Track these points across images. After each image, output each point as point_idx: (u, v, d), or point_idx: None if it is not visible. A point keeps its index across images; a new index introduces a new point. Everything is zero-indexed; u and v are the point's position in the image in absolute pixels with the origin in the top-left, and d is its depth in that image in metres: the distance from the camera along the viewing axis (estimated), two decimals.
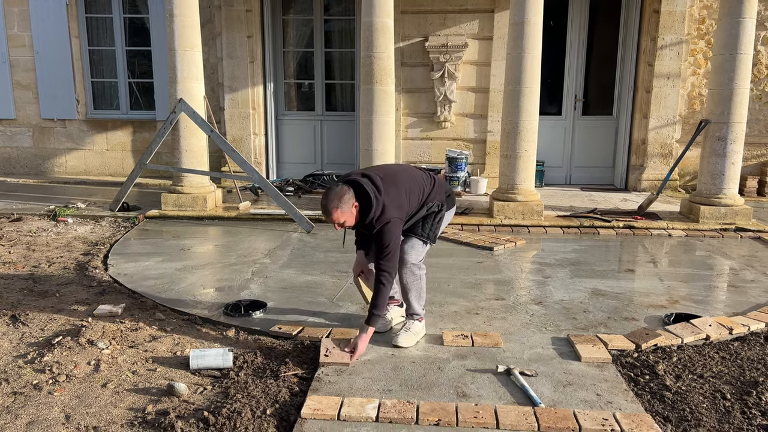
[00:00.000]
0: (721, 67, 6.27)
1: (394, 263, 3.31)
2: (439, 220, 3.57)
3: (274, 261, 5.24)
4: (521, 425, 2.70)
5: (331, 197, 3.18)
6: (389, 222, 3.25)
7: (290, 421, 2.75)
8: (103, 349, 3.41)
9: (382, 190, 3.26)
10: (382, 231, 3.26)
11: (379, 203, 3.22)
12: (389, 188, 3.30)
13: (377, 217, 3.24)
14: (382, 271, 3.28)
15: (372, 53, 6.39)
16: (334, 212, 3.17)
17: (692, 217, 6.62)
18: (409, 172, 3.53)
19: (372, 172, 3.37)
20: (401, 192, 3.34)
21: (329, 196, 3.18)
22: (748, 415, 2.84)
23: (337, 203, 3.16)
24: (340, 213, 3.17)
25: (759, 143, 8.35)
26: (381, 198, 3.23)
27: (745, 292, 4.58)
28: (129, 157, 9.14)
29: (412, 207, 3.43)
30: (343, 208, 3.17)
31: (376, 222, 3.24)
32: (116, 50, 8.97)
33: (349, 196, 3.19)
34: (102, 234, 6.17)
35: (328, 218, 3.21)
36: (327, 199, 3.18)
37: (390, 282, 3.30)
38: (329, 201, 3.17)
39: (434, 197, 3.53)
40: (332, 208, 3.17)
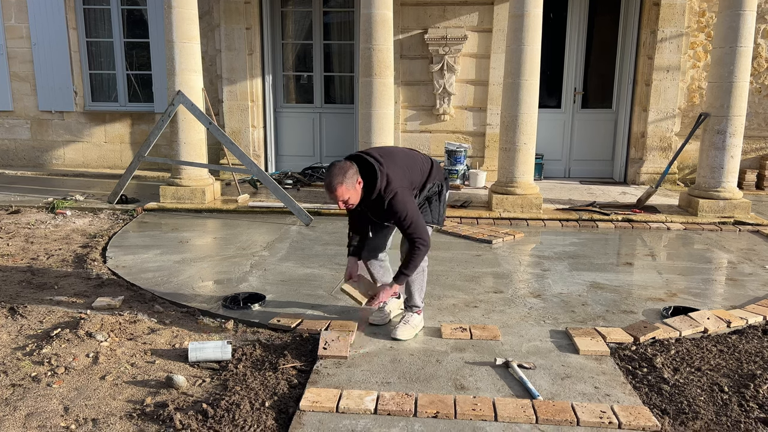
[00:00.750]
0: (721, 60, 6.25)
1: (423, 228, 3.28)
2: (443, 201, 3.58)
3: (273, 254, 5.24)
4: (519, 417, 2.70)
5: (335, 173, 3.07)
6: (397, 192, 3.19)
7: (289, 413, 2.76)
8: (102, 342, 3.41)
9: (383, 163, 3.22)
10: (393, 203, 3.19)
11: (383, 174, 3.17)
12: (389, 163, 3.27)
13: (384, 188, 3.17)
14: (413, 239, 3.25)
15: (371, 45, 6.37)
16: (339, 188, 3.07)
17: (691, 210, 6.62)
18: (406, 152, 3.52)
19: (370, 150, 3.36)
20: (401, 167, 3.32)
21: (332, 172, 3.08)
22: (745, 407, 2.85)
23: (342, 179, 3.07)
24: (344, 189, 3.08)
25: (758, 136, 8.34)
26: (384, 169, 3.18)
27: (743, 285, 4.59)
28: (127, 149, 9.12)
29: (415, 183, 3.40)
30: (347, 183, 3.08)
31: (385, 193, 3.17)
32: (114, 42, 8.93)
33: (353, 171, 3.11)
34: (100, 226, 6.16)
35: (332, 195, 3.10)
36: (331, 175, 3.08)
37: (426, 245, 3.28)
38: (333, 177, 3.07)
39: (435, 177, 3.52)
40: (336, 184, 3.07)
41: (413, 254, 3.28)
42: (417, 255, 3.27)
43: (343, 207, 3.20)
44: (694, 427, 2.69)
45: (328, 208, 6.70)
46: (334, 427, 2.64)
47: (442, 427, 2.65)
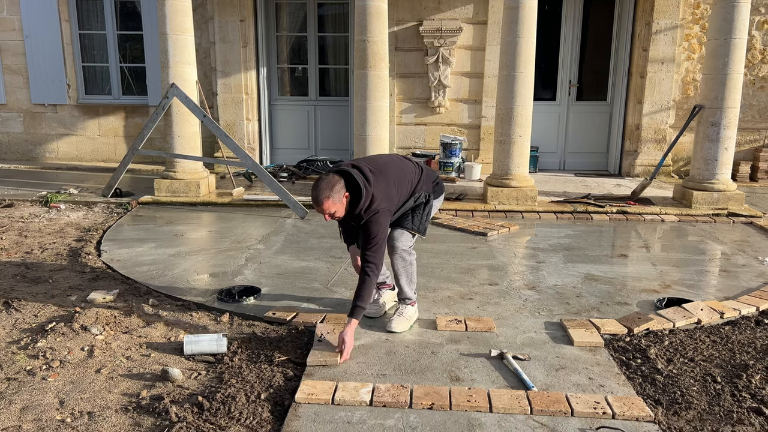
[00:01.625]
0: (716, 52, 6.26)
1: (381, 255, 3.27)
2: (428, 211, 3.58)
3: (268, 247, 5.24)
4: (514, 408, 2.72)
5: (322, 187, 3.11)
6: (377, 213, 3.22)
7: (284, 405, 2.76)
8: (97, 335, 3.41)
9: (371, 181, 3.23)
10: (369, 222, 3.23)
11: (369, 194, 3.20)
12: (378, 179, 3.28)
13: (365, 207, 3.21)
14: (368, 262, 3.23)
15: (366, 38, 6.35)
16: (326, 202, 3.10)
17: (685, 202, 6.65)
18: (398, 163, 3.51)
19: (361, 163, 3.35)
20: (390, 183, 3.32)
21: (320, 186, 3.12)
22: (738, 397, 2.87)
23: (329, 193, 3.10)
24: (331, 203, 3.11)
25: (752, 129, 8.37)
26: (370, 189, 3.21)
27: (736, 276, 4.62)
28: (121, 142, 9.08)
29: (402, 198, 3.42)
30: (334, 198, 3.11)
31: (365, 213, 3.22)
32: (107, 34, 8.87)
33: (340, 186, 3.14)
34: (95, 220, 6.14)
35: (319, 208, 3.14)
36: (318, 190, 3.11)
37: (375, 274, 3.25)
38: (320, 191, 3.10)
39: (421, 188, 3.52)
40: (323, 198, 3.10)
41: (363, 283, 3.22)
42: (366, 283, 3.22)
43: (329, 219, 3.21)
44: (687, 416, 2.71)
45: None
46: (329, 419, 2.65)
47: (437, 419, 2.66)
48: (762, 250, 5.29)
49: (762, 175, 8.20)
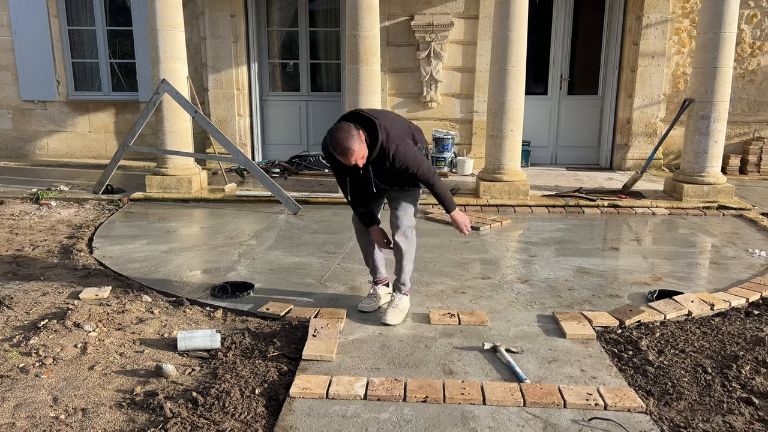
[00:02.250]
0: (705, 45, 6.30)
1: (432, 170, 3.41)
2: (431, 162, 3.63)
3: (261, 243, 5.24)
4: (507, 401, 2.74)
5: (342, 136, 3.07)
6: (399, 144, 3.25)
7: (279, 400, 2.77)
8: (90, 332, 3.40)
9: (376, 116, 3.25)
10: (399, 154, 3.24)
11: (381, 126, 3.19)
12: (382, 117, 3.31)
13: (385, 139, 3.20)
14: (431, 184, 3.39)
15: (357, 32, 6.34)
16: (353, 146, 3.08)
17: (676, 195, 6.69)
18: (393, 113, 3.58)
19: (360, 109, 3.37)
20: (393, 119, 3.37)
21: (339, 136, 3.07)
22: (728, 388, 2.91)
23: (348, 138, 3.07)
24: (357, 147, 3.10)
25: (742, 122, 8.42)
26: (381, 122, 3.21)
27: (726, 268, 4.66)
28: (112, 139, 9.02)
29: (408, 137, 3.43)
30: (355, 140, 3.09)
31: (388, 144, 3.20)
32: (97, 30, 8.80)
33: (352, 127, 3.12)
34: (86, 217, 6.11)
35: (349, 158, 3.10)
36: (339, 140, 3.07)
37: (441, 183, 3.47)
38: (343, 140, 3.07)
39: (420, 139, 3.53)
40: (349, 144, 3.07)
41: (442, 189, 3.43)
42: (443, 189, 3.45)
43: (362, 164, 3.20)
44: (678, 407, 2.74)
45: (315, 196, 6.70)
46: (324, 413, 2.66)
47: (431, 412, 2.68)
48: (752, 242, 5.33)
49: (751, 168, 8.27)
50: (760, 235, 5.57)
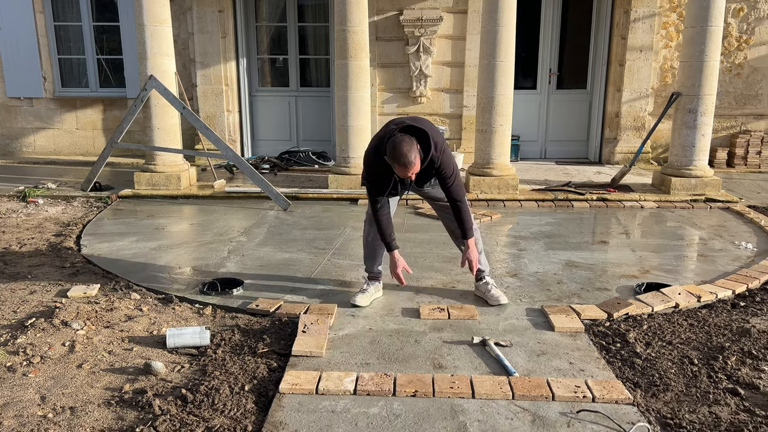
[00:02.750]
0: (692, 39, 6.33)
1: (463, 188, 3.56)
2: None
3: (251, 239, 5.22)
4: (496, 394, 2.75)
5: (406, 149, 3.14)
6: (444, 150, 3.38)
7: (268, 396, 2.77)
8: (78, 330, 3.38)
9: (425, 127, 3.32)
10: (444, 163, 3.36)
11: (432, 139, 3.28)
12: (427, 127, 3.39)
13: (435, 151, 3.30)
14: (458, 201, 3.50)
15: (346, 27, 6.32)
16: (416, 160, 3.18)
17: (664, 188, 6.74)
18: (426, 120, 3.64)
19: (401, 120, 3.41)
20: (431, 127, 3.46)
21: (403, 149, 3.13)
22: (714, 379, 2.94)
23: (415, 152, 3.17)
24: (418, 161, 3.21)
25: (729, 115, 8.48)
26: (431, 132, 3.29)
27: (713, 261, 4.70)
28: (100, 135, 8.96)
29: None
30: (417, 155, 3.20)
31: (438, 155, 3.31)
32: (83, 26, 8.72)
33: (413, 140, 3.20)
34: (74, 214, 6.07)
35: (409, 171, 3.19)
36: (404, 153, 3.13)
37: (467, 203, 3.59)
38: (408, 153, 3.13)
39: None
40: (414, 159, 3.16)
41: (465, 213, 3.53)
42: (467, 211, 3.55)
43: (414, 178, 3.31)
44: (665, 398, 2.76)
45: (305, 192, 6.68)
46: (313, 408, 2.67)
47: (420, 406, 2.69)
48: (738, 234, 5.38)
49: (738, 161, 8.33)
50: (747, 227, 5.62)
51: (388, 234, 3.59)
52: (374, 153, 3.40)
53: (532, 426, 2.55)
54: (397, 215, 5.97)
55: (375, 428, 2.53)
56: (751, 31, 8.21)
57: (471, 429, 2.52)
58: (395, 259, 3.63)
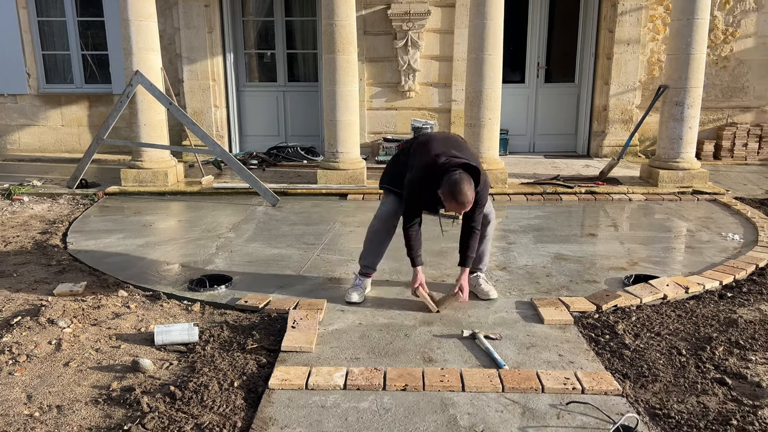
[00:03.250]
0: (679, 32, 6.35)
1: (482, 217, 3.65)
2: None
3: (239, 235, 5.19)
4: (486, 387, 2.76)
5: (466, 187, 3.21)
6: (486, 184, 3.50)
7: (258, 392, 2.76)
8: (65, 328, 3.35)
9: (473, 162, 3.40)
10: (482, 194, 3.45)
11: (483, 175, 3.40)
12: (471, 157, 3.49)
13: (482, 187, 3.41)
14: (474, 226, 3.54)
15: (333, 21, 6.28)
16: (473, 198, 3.27)
17: (651, 181, 6.77)
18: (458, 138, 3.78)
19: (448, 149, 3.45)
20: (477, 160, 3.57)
21: (463, 188, 3.20)
22: (702, 369, 2.96)
23: (473, 191, 3.26)
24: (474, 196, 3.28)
25: (715, 108, 8.53)
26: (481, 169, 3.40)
27: (701, 252, 4.73)
28: (86, 132, 8.86)
29: None
30: (474, 194, 3.28)
31: (481, 188, 3.39)
32: (67, 21, 8.61)
33: (471, 179, 3.27)
34: (60, 212, 6.00)
35: (465, 207, 3.28)
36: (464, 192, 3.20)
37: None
38: (468, 191, 3.21)
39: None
40: (472, 198, 3.25)
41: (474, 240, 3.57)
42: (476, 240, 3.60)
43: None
44: (653, 389, 2.78)
45: (294, 187, 6.65)
46: (303, 403, 2.66)
47: (410, 399, 2.68)
48: (725, 226, 5.42)
49: (725, 153, 8.39)
50: (734, 219, 5.66)
51: (416, 249, 3.59)
52: (422, 184, 3.41)
53: (522, 418, 2.55)
54: None
55: (365, 423, 2.52)
56: (737, 24, 8.26)
57: (461, 422, 2.52)
58: (418, 275, 3.62)
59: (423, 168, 3.43)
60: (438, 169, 3.33)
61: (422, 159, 3.47)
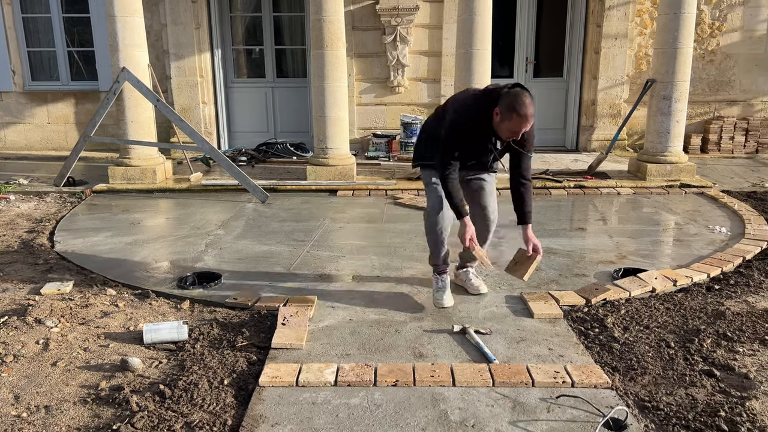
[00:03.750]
0: (666, 26, 6.38)
1: None
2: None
3: (229, 232, 5.17)
4: (476, 381, 2.76)
5: (529, 102, 3.03)
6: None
7: (248, 390, 2.75)
8: (52, 328, 3.32)
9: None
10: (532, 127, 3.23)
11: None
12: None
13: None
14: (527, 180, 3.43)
15: (321, 17, 6.25)
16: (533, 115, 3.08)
17: (640, 175, 6.81)
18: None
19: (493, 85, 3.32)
20: None
21: (527, 101, 3.02)
22: (690, 361, 2.98)
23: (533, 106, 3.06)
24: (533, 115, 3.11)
25: (702, 101, 8.59)
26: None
27: (689, 245, 4.77)
28: (73, 130, 8.78)
29: None
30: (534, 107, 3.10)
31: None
32: (52, 17, 8.52)
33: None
34: (47, 210, 5.95)
35: (527, 125, 3.08)
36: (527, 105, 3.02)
37: None
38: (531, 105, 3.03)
39: None
40: (533, 111, 3.06)
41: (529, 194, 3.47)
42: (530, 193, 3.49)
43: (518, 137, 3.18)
44: (642, 382, 2.80)
45: (284, 184, 6.63)
46: (294, 400, 2.65)
47: (401, 395, 2.68)
48: (713, 219, 5.46)
49: (712, 146, 8.45)
50: (721, 211, 5.71)
51: (459, 198, 3.32)
52: (470, 114, 3.19)
53: (513, 412, 2.56)
54: (376, 206, 5.99)
55: (356, 419, 2.52)
56: (724, 18, 8.31)
57: (452, 417, 2.53)
58: (467, 225, 3.34)
59: (469, 98, 3.26)
60: (488, 94, 3.17)
61: (464, 95, 3.32)
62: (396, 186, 6.58)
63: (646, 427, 2.46)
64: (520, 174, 3.41)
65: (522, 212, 3.43)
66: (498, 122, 3.15)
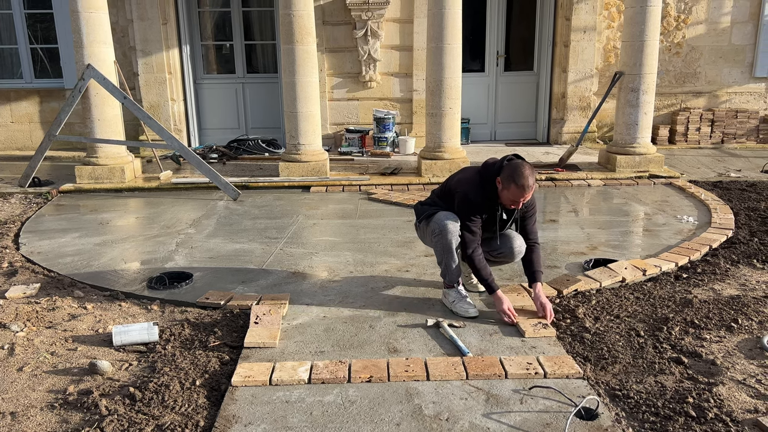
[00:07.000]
0: (633, 19, 6.46)
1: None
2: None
3: (200, 231, 5.10)
4: (450, 375, 2.77)
5: (529, 172, 3.18)
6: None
7: (221, 390, 2.72)
8: (17, 332, 3.24)
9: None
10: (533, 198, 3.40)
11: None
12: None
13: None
14: (536, 243, 3.53)
15: (291, 11, 6.19)
16: (533, 183, 3.21)
17: (609, 166, 6.90)
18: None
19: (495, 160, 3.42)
20: None
21: (526, 172, 3.16)
22: (659, 349, 3.03)
23: (534, 177, 3.20)
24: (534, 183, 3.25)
25: (669, 93, 8.73)
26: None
27: (657, 235, 4.85)
28: (38, 128, 8.57)
29: None
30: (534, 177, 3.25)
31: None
32: (14, 14, 8.28)
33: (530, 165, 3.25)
34: (12, 212, 5.80)
35: (527, 195, 3.20)
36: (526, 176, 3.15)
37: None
38: (531, 176, 3.17)
39: None
40: (533, 182, 3.19)
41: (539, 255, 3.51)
42: (540, 253, 3.54)
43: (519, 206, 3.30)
44: (613, 371, 2.84)
45: (256, 181, 6.56)
46: (267, 399, 2.63)
47: (375, 391, 2.68)
48: (680, 208, 5.56)
49: (679, 137, 8.60)
50: (688, 201, 5.82)
51: (487, 274, 3.36)
52: (480, 185, 3.33)
53: (486, 404, 2.57)
54: (350, 201, 5.97)
55: (330, 416, 2.51)
56: (689, 11, 8.45)
57: (426, 411, 2.53)
58: (503, 299, 3.34)
59: (474, 175, 3.39)
60: (489, 167, 3.33)
61: (465, 174, 3.46)
62: (370, 181, 6.57)
63: (617, 415, 2.50)
64: (527, 237, 3.53)
65: (531, 272, 3.49)
66: (500, 191, 3.28)
